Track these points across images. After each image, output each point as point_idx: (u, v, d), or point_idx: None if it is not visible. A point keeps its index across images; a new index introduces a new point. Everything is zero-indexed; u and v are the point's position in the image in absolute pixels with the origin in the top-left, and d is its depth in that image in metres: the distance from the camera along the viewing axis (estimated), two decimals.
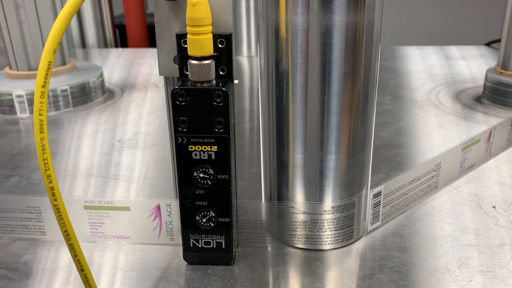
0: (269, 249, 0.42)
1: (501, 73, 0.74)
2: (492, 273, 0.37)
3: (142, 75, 1.00)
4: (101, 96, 0.84)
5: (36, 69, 0.77)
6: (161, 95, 0.86)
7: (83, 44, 1.36)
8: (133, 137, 0.67)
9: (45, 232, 0.43)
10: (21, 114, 0.75)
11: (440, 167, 0.48)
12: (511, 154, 0.57)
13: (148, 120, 0.73)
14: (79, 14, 1.36)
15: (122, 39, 1.55)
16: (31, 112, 0.75)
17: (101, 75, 0.85)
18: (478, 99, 0.79)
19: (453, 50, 1.15)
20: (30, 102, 0.75)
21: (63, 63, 0.81)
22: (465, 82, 0.89)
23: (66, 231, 0.29)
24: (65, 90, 0.77)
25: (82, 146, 0.64)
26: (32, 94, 0.75)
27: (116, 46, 1.45)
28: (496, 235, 0.42)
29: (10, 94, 0.75)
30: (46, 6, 0.77)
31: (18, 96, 0.75)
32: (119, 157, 0.60)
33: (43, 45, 0.71)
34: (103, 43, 1.39)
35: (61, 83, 0.77)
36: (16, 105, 0.75)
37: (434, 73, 0.96)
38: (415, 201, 0.47)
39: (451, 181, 0.51)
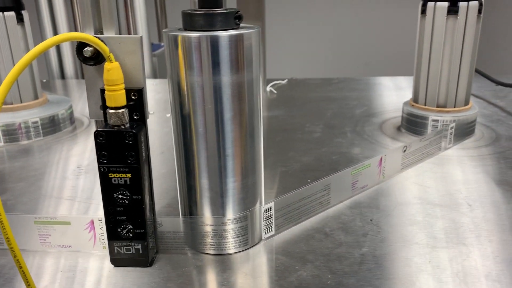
0: (189, 254, 0.52)
1: (413, 105, 0.85)
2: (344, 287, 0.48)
3: None
4: (70, 126, 0.95)
5: (10, 103, 0.88)
6: None
7: (62, 75, 1.48)
8: (91, 163, 0.77)
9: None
10: None
11: (329, 188, 0.59)
12: (404, 176, 0.69)
13: None
14: (58, 46, 1.47)
15: None
16: (5, 141, 0.86)
17: (70, 107, 0.96)
18: (399, 128, 0.90)
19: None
20: (4, 132, 0.86)
21: (36, 97, 0.92)
22: (395, 111, 1.00)
23: (8, 238, 0.39)
24: (36, 122, 0.88)
25: (46, 172, 0.74)
26: (6, 125, 0.86)
27: None
28: (363, 247, 0.53)
29: None
30: (20, 48, 0.88)
31: None
32: (76, 181, 0.71)
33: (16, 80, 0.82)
34: (81, 74, 1.51)
35: (33, 115, 0.88)
36: None
37: (373, 103, 1.08)
38: (307, 214, 0.58)
39: (345, 198, 0.62)
